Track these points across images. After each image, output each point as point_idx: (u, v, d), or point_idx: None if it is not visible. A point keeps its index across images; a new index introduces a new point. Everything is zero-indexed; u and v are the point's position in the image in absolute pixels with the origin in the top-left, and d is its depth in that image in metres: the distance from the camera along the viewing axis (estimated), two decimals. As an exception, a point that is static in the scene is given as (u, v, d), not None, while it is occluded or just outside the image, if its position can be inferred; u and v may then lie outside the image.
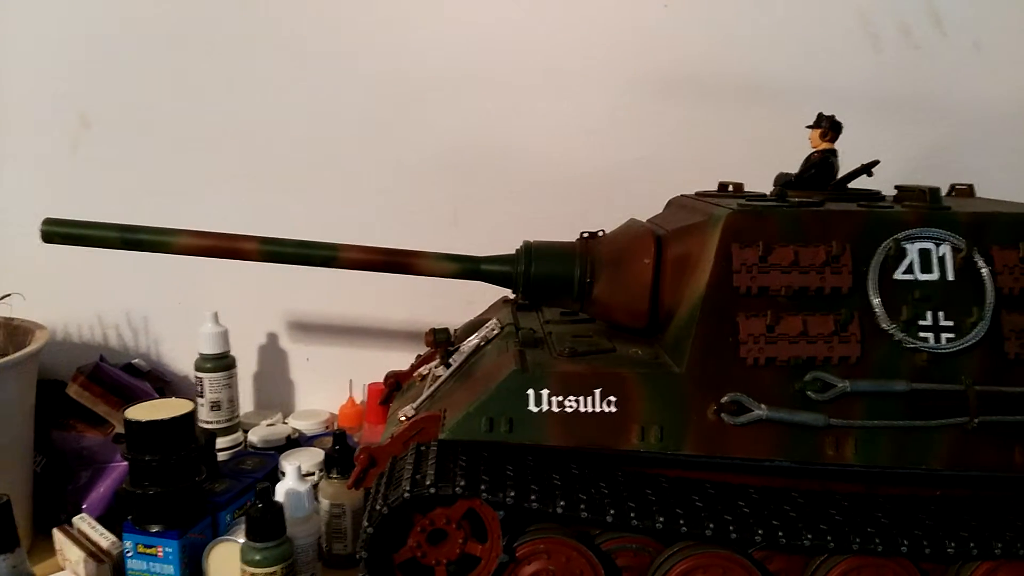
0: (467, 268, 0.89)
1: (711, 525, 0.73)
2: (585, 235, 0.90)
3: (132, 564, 0.87)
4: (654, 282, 0.84)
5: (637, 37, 1.19)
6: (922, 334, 0.76)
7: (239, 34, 1.22)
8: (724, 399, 0.75)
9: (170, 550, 0.85)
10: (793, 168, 0.93)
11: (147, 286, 1.27)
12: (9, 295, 1.07)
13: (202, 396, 1.14)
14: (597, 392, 0.76)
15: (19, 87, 1.24)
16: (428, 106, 1.22)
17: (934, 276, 0.77)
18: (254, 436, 1.15)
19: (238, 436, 1.17)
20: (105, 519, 0.95)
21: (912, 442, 0.75)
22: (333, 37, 1.21)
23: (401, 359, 1.14)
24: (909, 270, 0.77)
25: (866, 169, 0.91)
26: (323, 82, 1.22)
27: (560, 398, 0.76)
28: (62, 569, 0.92)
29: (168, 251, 0.88)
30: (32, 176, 1.26)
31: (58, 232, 0.87)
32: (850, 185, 0.92)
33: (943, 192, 0.86)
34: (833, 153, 0.91)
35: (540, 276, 0.88)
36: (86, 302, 1.28)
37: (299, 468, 0.91)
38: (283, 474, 0.96)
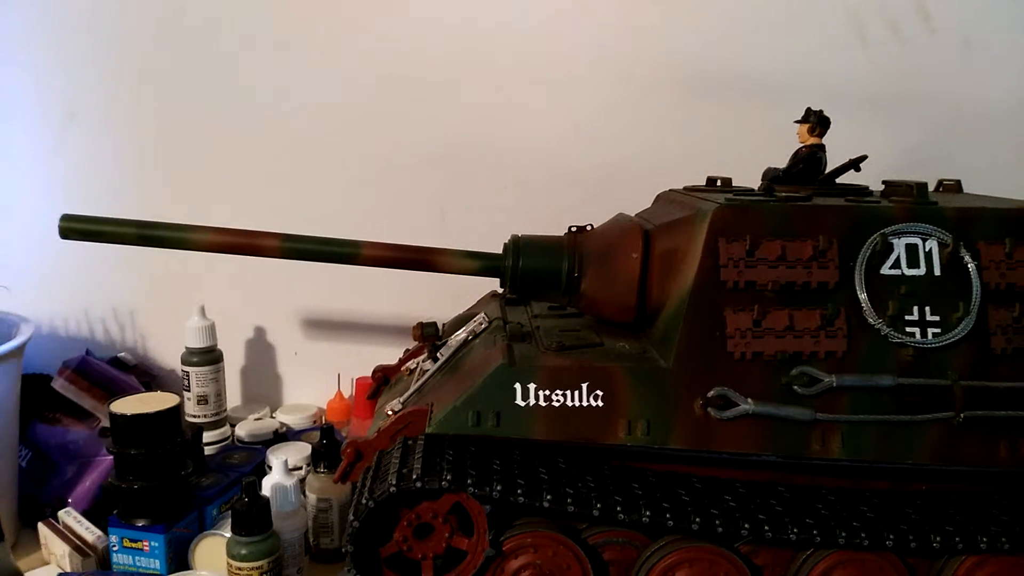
0: (492, 266, 0.88)
1: (698, 519, 0.73)
2: (573, 229, 0.90)
3: (118, 558, 0.86)
4: (642, 277, 0.84)
5: (626, 33, 1.19)
6: (908, 329, 0.76)
7: (229, 32, 1.21)
8: (711, 393, 0.75)
9: (156, 544, 0.85)
10: (781, 163, 0.93)
11: (134, 280, 1.26)
12: (-5, 288, 1.07)
13: (189, 390, 1.14)
14: (584, 386, 0.76)
15: (4, 81, 1.23)
16: (418, 102, 1.21)
17: (921, 271, 0.77)
18: (241, 430, 1.15)
19: (225, 430, 1.17)
20: (91, 513, 0.95)
21: (898, 437, 0.75)
22: (323, 35, 1.20)
23: (389, 353, 1.14)
24: (896, 265, 0.77)
25: (854, 164, 0.91)
26: (313, 80, 1.21)
27: (547, 392, 0.76)
28: (47, 563, 0.92)
29: (187, 247, 0.87)
30: (17, 171, 1.25)
31: (75, 228, 0.86)
32: (838, 180, 0.92)
33: (930, 188, 0.86)
34: (821, 148, 0.92)
35: (528, 270, 0.87)
36: (72, 296, 1.27)
37: (286, 462, 0.91)
38: (270, 468, 0.96)
